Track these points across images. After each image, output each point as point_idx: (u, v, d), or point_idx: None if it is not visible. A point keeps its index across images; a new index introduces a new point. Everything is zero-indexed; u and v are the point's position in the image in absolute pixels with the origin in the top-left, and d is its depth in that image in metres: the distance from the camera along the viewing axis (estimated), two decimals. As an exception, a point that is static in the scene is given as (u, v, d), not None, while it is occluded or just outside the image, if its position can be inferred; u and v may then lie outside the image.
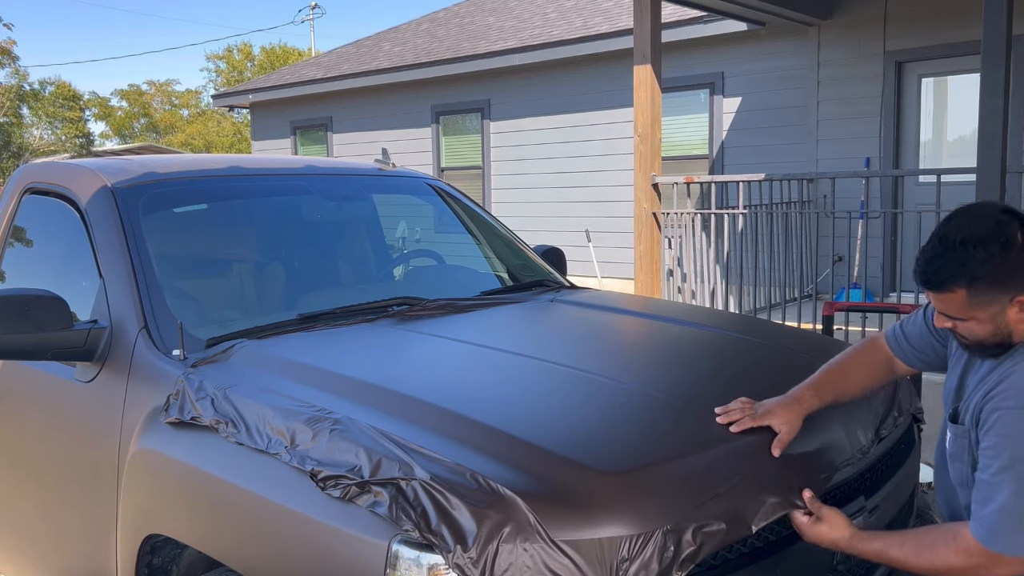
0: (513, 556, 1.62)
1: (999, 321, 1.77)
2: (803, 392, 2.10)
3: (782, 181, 7.31)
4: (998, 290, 1.74)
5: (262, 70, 41.82)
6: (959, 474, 1.91)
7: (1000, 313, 1.76)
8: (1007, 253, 1.72)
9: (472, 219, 3.91)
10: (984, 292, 1.74)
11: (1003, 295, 1.74)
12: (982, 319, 1.78)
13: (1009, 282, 1.73)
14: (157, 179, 3.06)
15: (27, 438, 2.84)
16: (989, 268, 1.72)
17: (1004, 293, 1.74)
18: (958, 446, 1.90)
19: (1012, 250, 1.72)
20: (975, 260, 1.73)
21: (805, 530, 1.88)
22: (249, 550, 1.96)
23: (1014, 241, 1.72)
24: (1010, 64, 5.07)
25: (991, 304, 1.75)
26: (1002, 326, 1.78)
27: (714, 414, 2.06)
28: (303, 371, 2.27)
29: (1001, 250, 1.72)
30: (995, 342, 1.81)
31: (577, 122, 10.64)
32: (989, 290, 1.74)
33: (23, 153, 35.21)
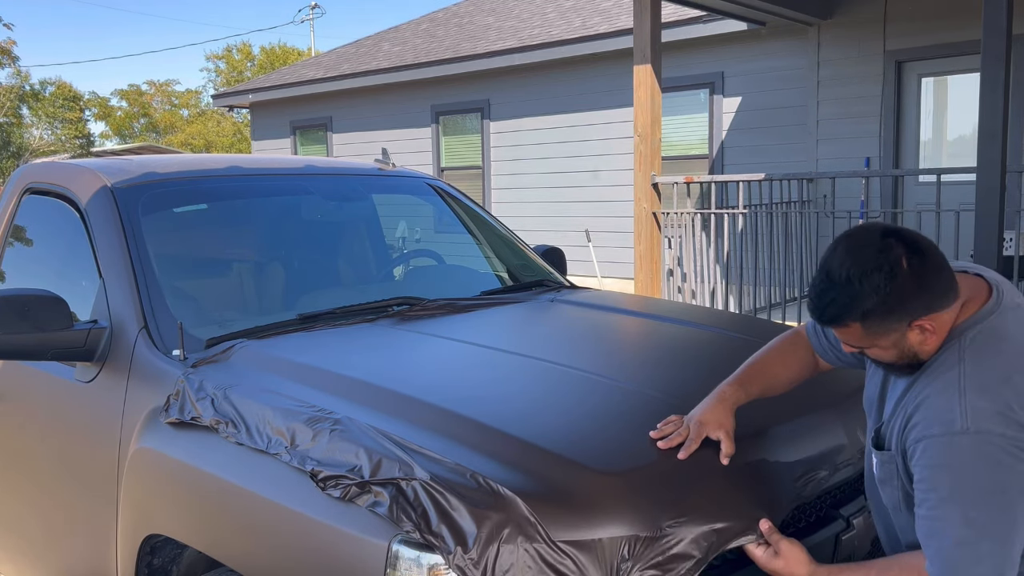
0: (514, 557, 1.62)
1: (902, 346, 1.72)
2: (726, 389, 2.04)
3: (782, 181, 7.31)
4: (892, 320, 1.68)
5: (262, 70, 41.82)
6: (891, 499, 1.84)
7: (901, 339, 1.71)
8: (893, 282, 1.65)
9: (472, 219, 3.91)
10: (878, 323, 1.69)
11: (899, 323, 1.68)
12: (884, 346, 1.73)
13: (902, 310, 1.67)
14: (157, 179, 3.06)
15: (27, 438, 2.84)
16: (878, 300, 1.66)
17: (900, 321, 1.68)
18: (886, 471, 1.83)
19: (898, 278, 1.65)
20: (863, 294, 1.66)
21: (761, 563, 1.80)
22: (249, 550, 1.96)
23: (899, 267, 1.66)
24: (1010, 64, 5.07)
25: (888, 333, 1.70)
26: (906, 350, 1.73)
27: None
28: (303, 371, 2.27)
29: (887, 280, 1.65)
30: (904, 364, 1.76)
31: (576, 122, 10.63)
32: (883, 321, 1.68)
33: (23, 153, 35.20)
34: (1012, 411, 1.59)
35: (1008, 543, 1.58)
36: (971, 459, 1.58)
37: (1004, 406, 1.60)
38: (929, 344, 1.72)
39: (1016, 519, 1.58)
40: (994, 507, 1.58)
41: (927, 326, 1.69)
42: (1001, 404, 1.60)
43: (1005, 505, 1.58)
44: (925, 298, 1.67)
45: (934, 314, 1.69)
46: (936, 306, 1.68)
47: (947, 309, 1.70)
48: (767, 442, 2.03)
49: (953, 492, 1.59)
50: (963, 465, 1.59)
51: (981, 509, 1.58)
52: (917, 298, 1.67)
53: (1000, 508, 1.58)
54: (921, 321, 1.68)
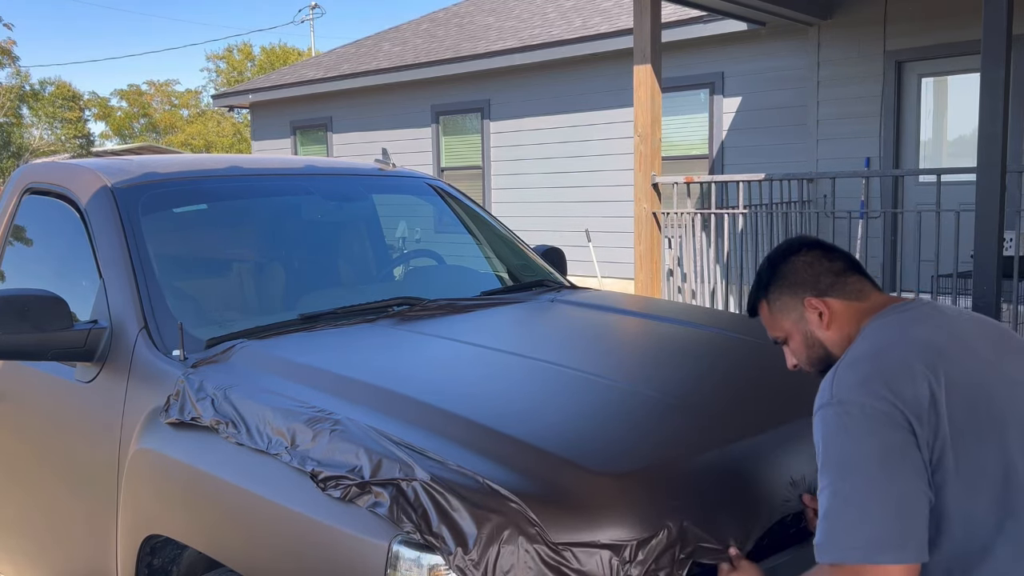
0: (514, 558, 1.61)
1: (803, 329, 1.88)
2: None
3: (782, 181, 7.31)
4: (786, 293, 1.89)
5: (262, 70, 41.81)
6: None
7: (800, 320, 1.88)
8: (790, 259, 1.90)
9: (472, 219, 3.90)
10: (776, 297, 1.91)
11: (793, 298, 1.88)
12: (790, 329, 1.91)
13: (794, 283, 1.88)
14: (157, 179, 3.06)
15: (27, 438, 2.84)
16: (774, 274, 1.91)
17: (793, 296, 1.88)
18: None
19: (796, 256, 1.90)
20: (765, 273, 1.94)
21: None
22: (249, 551, 1.96)
23: (798, 251, 1.91)
24: (1010, 64, 5.07)
25: (788, 310, 1.90)
26: (809, 336, 1.88)
27: (714, 414, 2.04)
28: (303, 371, 2.27)
29: (783, 257, 1.92)
30: (816, 357, 1.90)
31: (577, 122, 10.63)
32: (779, 294, 1.90)
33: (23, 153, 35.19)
34: (874, 381, 1.61)
35: (874, 517, 1.53)
36: (834, 430, 1.62)
37: (866, 376, 1.63)
38: (829, 331, 1.85)
39: (883, 491, 1.54)
40: (854, 476, 1.56)
41: (820, 308, 1.84)
42: (863, 375, 1.63)
43: (866, 475, 1.55)
44: (817, 277, 1.87)
45: (827, 299, 1.85)
46: (827, 290, 1.85)
47: (847, 299, 1.84)
48: (767, 443, 2.03)
49: (824, 464, 1.63)
50: (828, 436, 1.63)
51: (843, 479, 1.57)
52: (808, 274, 1.88)
53: (861, 478, 1.56)
54: (813, 300, 1.85)
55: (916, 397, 1.59)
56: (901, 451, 1.57)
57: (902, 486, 1.55)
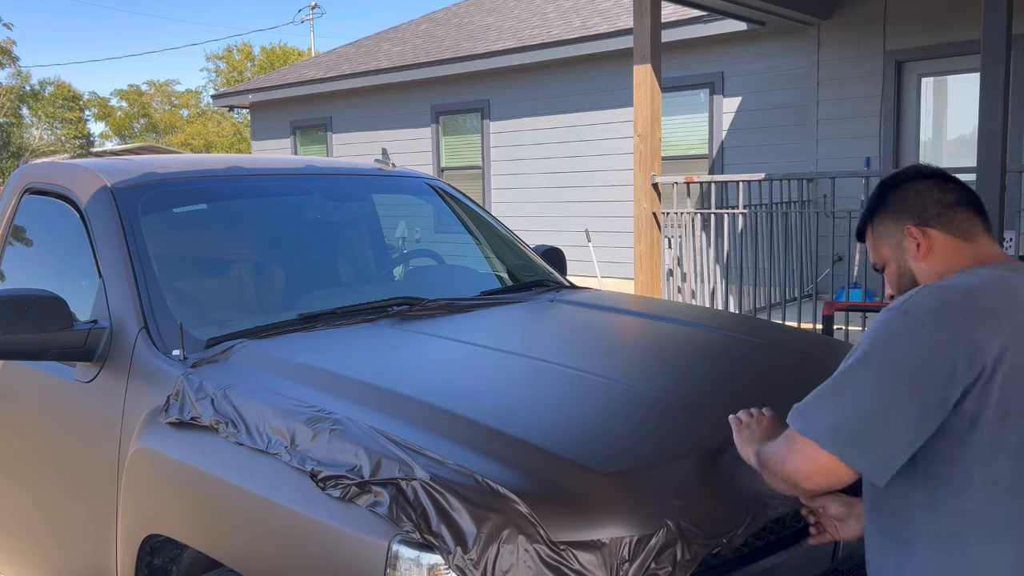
0: (514, 557, 1.62)
1: (899, 259, 1.81)
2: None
3: (782, 181, 7.31)
4: (889, 219, 1.82)
5: (262, 70, 41.81)
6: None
7: (898, 248, 1.81)
8: (902, 184, 1.83)
9: (472, 219, 3.90)
10: (880, 222, 1.84)
11: (894, 226, 1.81)
12: (888, 257, 1.84)
13: (898, 210, 1.81)
14: (157, 179, 3.06)
15: (27, 438, 2.84)
16: (882, 199, 1.84)
17: (894, 223, 1.81)
18: None
19: (909, 183, 1.83)
20: (875, 195, 1.87)
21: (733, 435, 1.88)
22: (249, 550, 1.96)
23: (913, 179, 1.83)
24: (1010, 64, 5.07)
25: (888, 236, 1.83)
26: (903, 265, 1.81)
27: (714, 414, 2.04)
28: (303, 371, 2.27)
29: (896, 182, 1.84)
30: (904, 287, 1.81)
31: (576, 122, 10.63)
32: (884, 219, 1.83)
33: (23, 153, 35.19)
34: (953, 311, 1.57)
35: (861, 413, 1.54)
36: (884, 330, 1.59)
37: (948, 304, 1.58)
38: (923, 261, 1.77)
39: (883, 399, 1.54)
40: (869, 376, 1.55)
41: (918, 237, 1.76)
42: (946, 301, 1.59)
43: (878, 380, 1.55)
44: (923, 206, 1.78)
45: (928, 229, 1.76)
46: (934, 220, 1.76)
47: (949, 234, 1.75)
48: (767, 442, 2.03)
49: (855, 349, 1.62)
50: (875, 330, 1.60)
51: (859, 370, 1.57)
52: (915, 202, 1.79)
53: (873, 381, 1.55)
54: (912, 229, 1.77)
55: (984, 346, 1.55)
56: (925, 381, 1.53)
57: (900, 409, 1.54)
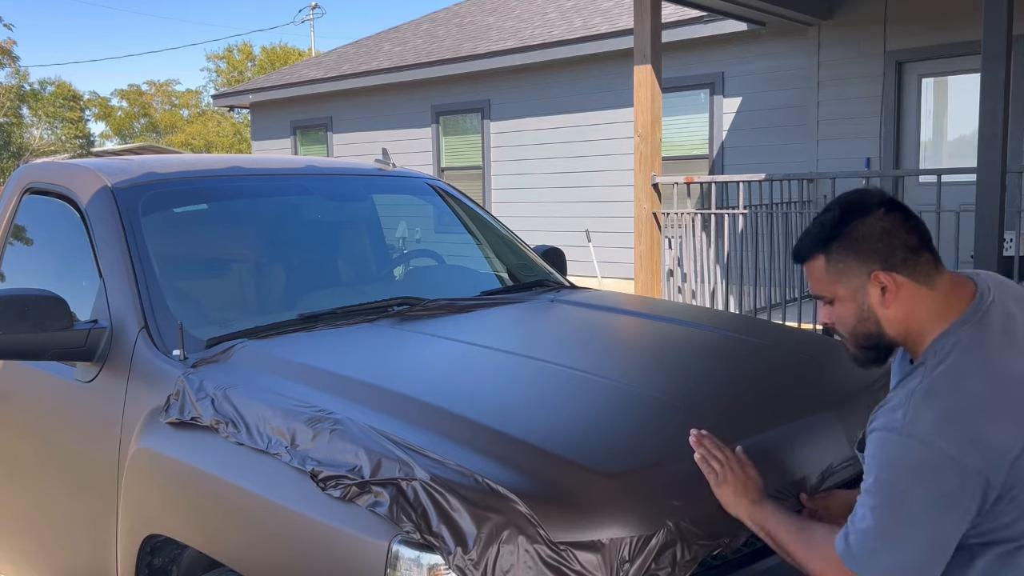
0: (514, 557, 1.62)
1: (861, 301, 1.72)
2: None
3: (782, 181, 7.31)
4: (852, 257, 1.70)
5: (262, 70, 41.82)
6: None
7: (861, 290, 1.71)
8: (864, 218, 1.69)
9: (472, 219, 3.90)
10: (839, 258, 1.71)
11: (860, 266, 1.70)
12: (844, 297, 1.73)
13: (865, 250, 1.69)
14: (157, 179, 3.06)
15: (27, 438, 2.84)
16: (843, 229, 1.70)
17: (860, 264, 1.70)
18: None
19: (869, 216, 1.69)
20: (831, 221, 1.73)
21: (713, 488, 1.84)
22: (249, 550, 1.96)
23: (870, 209, 1.70)
24: (1010, 64, 5.07)
25: (849, 276, 1.71)
26: (865, 309, 1.72)
27: (714, 414, 2.05)
28: (303, 371, 2.27)
29: (858, 214, 1.70)
30: (864, 332, 1.74)
31: (577, 122, 10.63)
32: (844, 255, 1.71)
33: (23, 153, 35.20)
34: (953, 425, 1.56)
35: (906, 551, 1.57)
36: (895, 461, 1.58)
37: (946, 416, 1.56)
38: (890, 309, 1.70)
39: (922, 532, 1.56)
40: (899, 512, 1.57)
41: (887, 284, 1.68)
42: (943, 413, 1.57)
43: (910, 514, 1.56)
44: (890, 249, 1.68)
45: (897, 275, 1.68)
46: (901, 266, 1.68)
47: (916, 281, 1.69)
48: (766, 443, 2.03)
49: (875, 484, 1.61)
50: (887, 463, 1.59)
51: (887, 510, 1.58)
52: (882, 244, 1.68)
53: (905, 515, 1.57)
54: (881, 275, 1.68)
55: (1000, 447, 1.55)
56: (954, 498, 1.56)
57: (943, 532, 1.57)
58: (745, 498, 1.81)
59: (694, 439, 1.87)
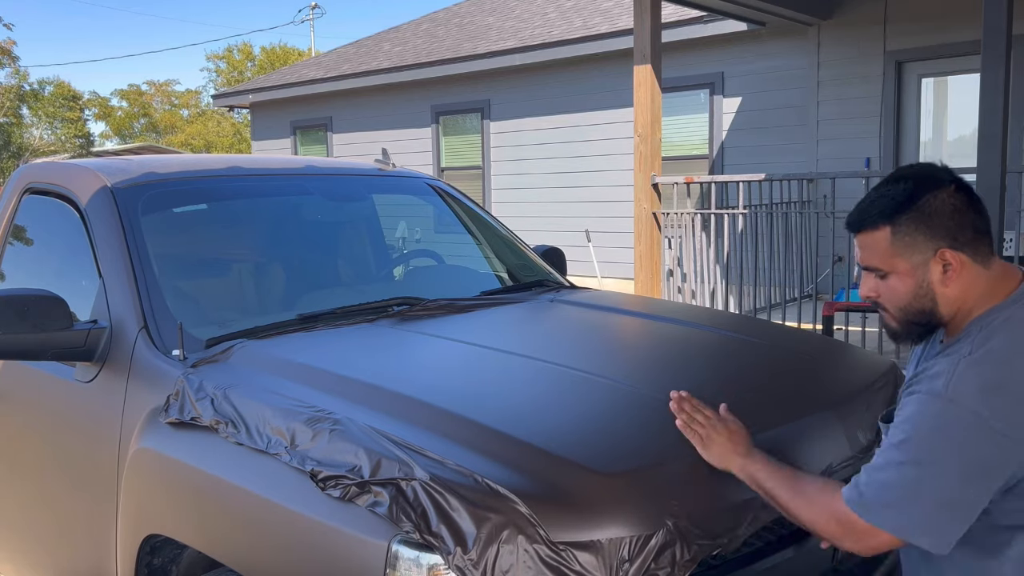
0: (514, 557, 1.62)
1: (920, 277, 1.69)
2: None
3: (782, 181, 7.31)
4: (922, 232, 1.67)
5: (262, 70, 41.82)
6: None
7: (923, 266, 1.68)
8: (937, 192, 1.67)
9: (472, 219, 3.90)
10: (907, 231, 1.67)
11: (926, 242, 1.67)
12: (903, 271, 1.70)
13: (934, 226, 1.66)
14: (157, 179, 3.06)
15: (27, 438, 2.84)
16: (916, 203, 1.67)
17: (928, 239, 1.67)
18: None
19: (940, 191, 1.67)
20: (902, 194, 1.69)
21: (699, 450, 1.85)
22: (249, 550, 1.96)
23: (941, 185, 1.68)
24: (1010, 64, 5.07)
25: (913, 251, 1.68)
26: (924, 286, 1.69)
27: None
28: (303, 371, 2.27)
29: (929, 188, 1.68)
30: (918, 308, 1.72)
31: (577, 122, 10.63)
32: (913, 229, 1.67)
33: (23, 153, 35.19)
34: (999, 394, 1.56)
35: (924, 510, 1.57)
36: (933, 422, 1.58)
37: (992, 385, 1.57)
38: (949, 288, 1.69)
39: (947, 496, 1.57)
40: (929, 473, 1.57)
41: (952, 261, 1.66)
42: (989, 382, 1.58)
43: (941, 477, 1.57)
44: (959, 226, 1.67)
45: (962, 254, 1.67)
46: (967, 246, 1.67)
47: (976, 261, 1.68)
48: (767, 443, 2.03)
49: (906, 441, 1.60)
50: (924, 423, 1.59)
51: (918, 468, 1.58)
52: (953, 222, 1.66)
53: (934, 477, 1.57)
54: (947, 252, 1.66)
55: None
56: (989, 467, 1.57)
57: (969, 497, 1.58)
58: (733, 452, 1.82)
59: (674, 403, 1.87)
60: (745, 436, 1.86)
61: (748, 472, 1.81)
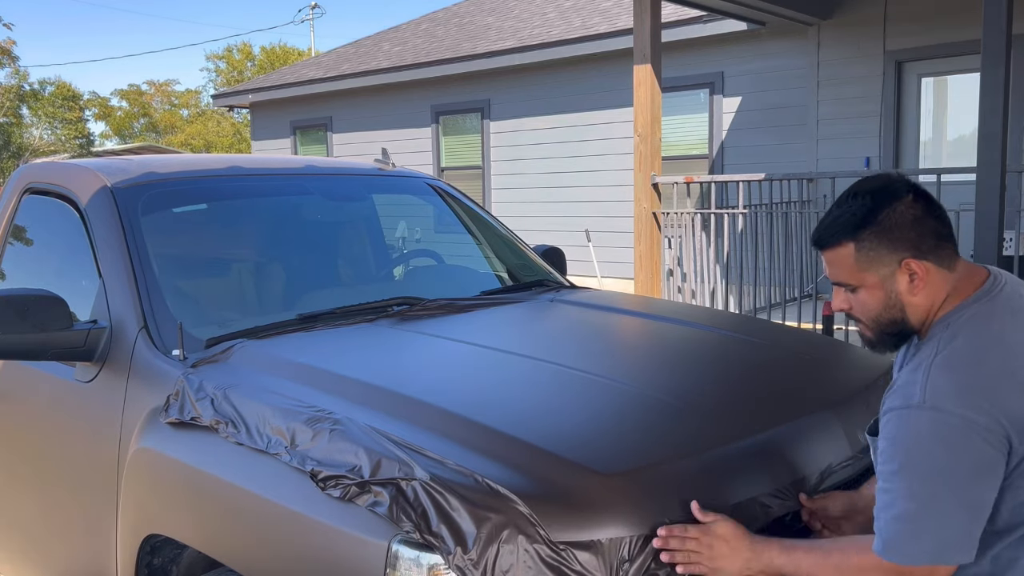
0: (514, 557, 1.62)
1: (889, 289, 1.71)
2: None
3: (782, 181, 7.31)
4: (885, 245, 1.69)
5: (262, 70, 41.81)
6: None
7: (889, 278, 1.70)
8: (895, 204, 1.69)
9: (472, 219, 3.90)
10: (870, 246, 1.69)
11: (890, 255, 1.69)
12: (871, 284, 1.72)
13: (897, 238, 1.68)
14: (157, 179, 3.06)
15: (27, 438, 2.84)
16: (876, 217, 1.68)
17: (892, 251, 1.69)
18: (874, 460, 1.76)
19: (899, 202, 1.69)
20: (862, 209, 1.70)
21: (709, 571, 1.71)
22: (249, 550, 1.96)
23: (901, 196, 1.69)
24: (1010, 64, 5.07)
25: (879, 263, 1.70)
26: (893, 297, 1.71)
27: (714, 414, 2.05)
28: (303, 371, 2.27)
29: (888, 199, 1.69)
30: (889, 319, 1.73)
31: (577, 122, 10.63)
32: (876, 244, 1.69)
33: (23, 153, 35.19)
34: (974, 391, 1.56)
35: (951, 524, 1.56)
36: (923, 434, 1.56)
37: (967, 385, 1.57)
38: (917, 296, 1.70)
39: (964, 500, 1.56)
40: (939, 485, 1.55)
41: (917, 270, 1.68)
42: (963, 382, 1.58)
43: (952, 485, 1.55)
44: (921, 235, 1.68)
45: (927, 263, 1.69)
46: (930, 254, 1.69)
47: (940, 267, 1.70)
48: (766, 443, 2.03)
49: (903, 465, 1.58)
50: (914, 439, 1.57)
51: (926, 485, 1.56)
52: (914, 232, 1.68)
53: (946, 487, 1.55)
54: (912, 262, 1.68)
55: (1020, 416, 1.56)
56: (991, 465, 1.56)
57: (983, 496, 1.57)
58: (743, 556, 1.71)
59: (659, 542, 1.69)
60: (736, 530, 1.73)
61: (770, 565, 1.69)
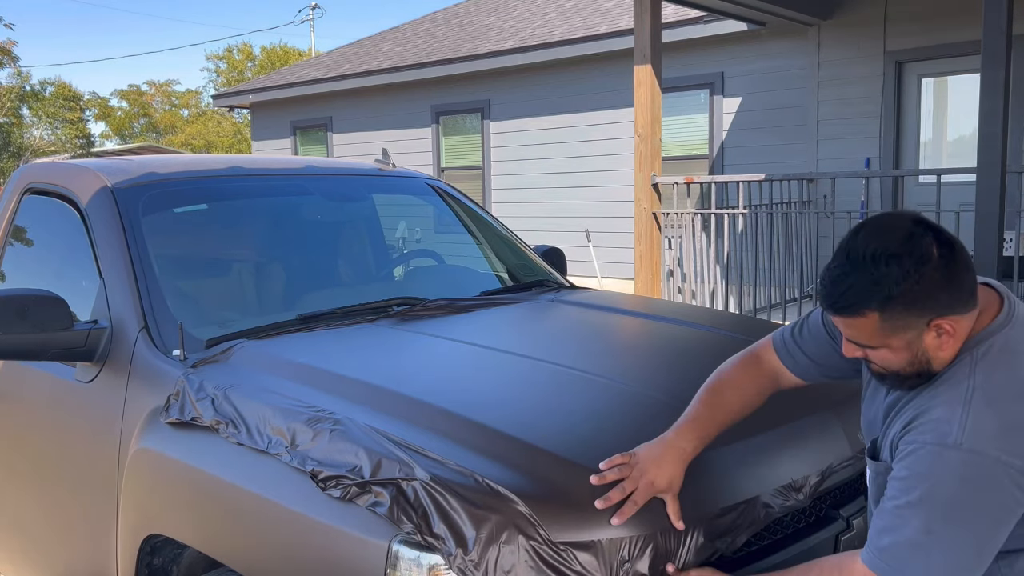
0: (515, 557, 1.62)
1: (916, 348, 1.58)
2: (681, 434, 1.83)
3: (782, 181, 7.31)
4: (914, 313, 1.54)
5: (262, 70, 41.82)
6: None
7: (916, 339, 1.57)
8: (922, 269, 1.52)
9: (472, 219, 3.90)
10: (899, 315, 1.54)
11: (919, 319, 1.55)
12: (897, 347, 1.58)
13: (925, 303, 1.53)
14: (157, 179, 3.06)
15: (27, 438, 2.84)
16: (904, 287, 1.52)
17: (920, 316, 1.54)
18: (878, 485, 1.69)
19: (927, 266, 1.52)
20: (888, 278, 1.52)
21: None
22: (249, 550, 1.96)
23: (929, 256, 1.52)
24: (1010, 64, 5.07)
25: (906, 329, 1.56)
26: (919, 354, 1.59)
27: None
28: (303, 371, 2.27)
29: (916, 266, 1.52)
30: (913, 371, 1.62)
31: (577, 122, 10.64)
32: (904, 312, 1.54)
33: (23, 153, 35.19)
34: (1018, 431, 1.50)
35: (961, 562, 1.51)
36: (954, 475, 1.49)
37: (1011, 425, 1.50)
38: (945, 351, 1.59)
39: (980, 545, 1.52)
40: (961, 527, 1.50)
41: (947, 327, 1.56)
42: (1007, 423, 1.50)
43: (973, 531, 1.51)
44: (951, 295, 1.54)
45: (956, 316, 1.56)
46: (959, 308, 1.56)
47: (967, 314, 1.58)
48: (766, 443, 2.03)
49: (924, 499, 1.51)
50: (944, 479, 1.50)
51: (947, 525, 1.50)
52: (944, 292, 1.54)
53: (967, 531, 1.51)
54: (941, 321, 1.55)
55: None
56: (1014, 510, 1.52)
57: (998, 540, 1.53)
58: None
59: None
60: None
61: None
